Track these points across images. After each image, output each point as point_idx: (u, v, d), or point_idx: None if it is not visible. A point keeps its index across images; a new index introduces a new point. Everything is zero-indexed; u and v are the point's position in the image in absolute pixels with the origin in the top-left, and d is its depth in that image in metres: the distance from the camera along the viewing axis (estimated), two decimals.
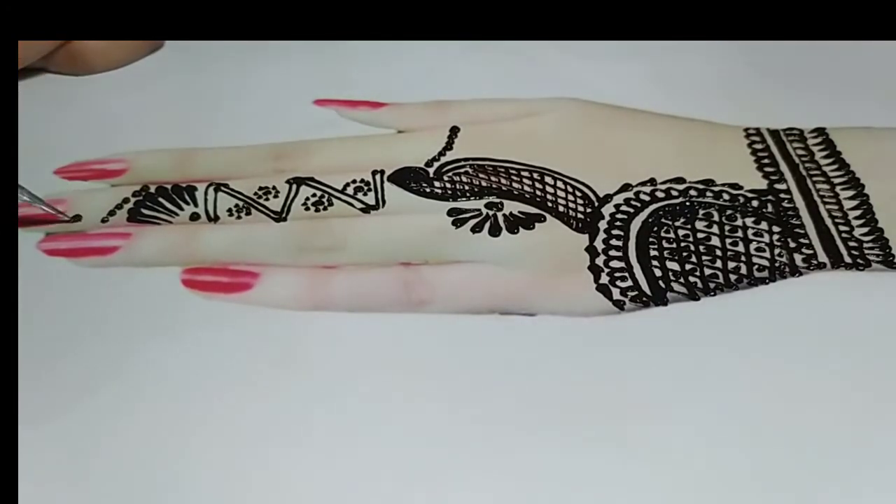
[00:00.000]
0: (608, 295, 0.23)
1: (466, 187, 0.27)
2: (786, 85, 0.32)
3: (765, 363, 0.21)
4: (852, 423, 0.20)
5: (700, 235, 0.25)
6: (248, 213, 0.27)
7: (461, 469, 0.19)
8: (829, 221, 0.25)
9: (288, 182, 0.28)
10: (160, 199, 0.27)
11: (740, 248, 0.25)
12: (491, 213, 0.26)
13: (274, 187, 0.27)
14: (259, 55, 0.35)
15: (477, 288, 0.24)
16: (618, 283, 0.24)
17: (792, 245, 0.25)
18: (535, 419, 0.20)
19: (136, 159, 0.29)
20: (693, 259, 0.24)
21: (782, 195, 0.26)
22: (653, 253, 0.25)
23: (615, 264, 0.24)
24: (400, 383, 0.21)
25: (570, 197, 0.27)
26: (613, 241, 0.25)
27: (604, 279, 0.24)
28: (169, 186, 0.28)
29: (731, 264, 0.24)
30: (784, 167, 0.28)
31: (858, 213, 0.26)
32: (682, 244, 0.25)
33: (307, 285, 0.24)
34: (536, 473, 0.19)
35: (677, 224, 0.25)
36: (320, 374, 0.21)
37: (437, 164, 0.28)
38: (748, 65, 0.34)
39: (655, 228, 0.25)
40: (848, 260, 0.24)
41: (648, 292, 0.23)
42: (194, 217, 0.27)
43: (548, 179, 0.27)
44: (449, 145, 0.29)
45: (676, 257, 0.24)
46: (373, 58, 0.34)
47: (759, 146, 0.29)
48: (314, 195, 0.27)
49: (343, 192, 0.27)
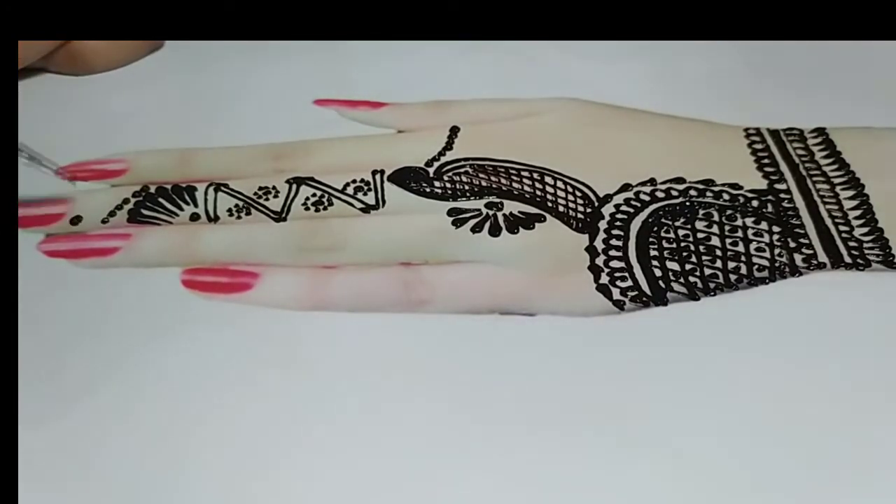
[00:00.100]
0: (608, 295, 0.23)
1: (466, 187, 0.27)
2: (786, 85, 0.32)
3: (764, 363, 0.21)
4: (852, 423, 0.20)
5: (700, 235, 0.25)
6: (248, 214, 0.27)
7: (461, 468, 0.19)
8: (829, 221, 0.25)
9: (288, 182, 0.28)
10: (160, 200, 0.27)
11: (740, 248, 0.25)
12: (491, 213, 0.26)
13: (274, 187, 0.27)
14: (259, 55, 0.35)
15: (477, 288, 0.24)
16: (618, 283, 0.24)
17: (792, 245, 0.25)
18: (535, 419, 0.20)
19: (137, 159, 0.29)
20: (693, 259, 0.24)
21: (782, 195, 0.26)
22: (653, 253, 0.25)
23: (615, 264, 0.24)
24: (400, 383, 0.21)
25: (570, 197, 0.27)
26: (613, 241, 0.25)
27: (604, 279, 0.24)
28: (169, 187, 0.28)
29: (731, 264, 0.24)
30: (784, 167, 0.28)
31: (858, 213, 0.26)
32: (682, 244, 0.25)
33: (307, 285, 0.24)
34: (536, 473, 0.19)
35: (677, 224, 0.25)
36: (320, 374, 0.21)
37: (437, 164, 0.28)
38: (748, 65, 0.33)
39: (655, 228, 0.25)
40: (848, 260, 0.24)
41: (648, 292, 0.23)
42: (194, 217, 0.27)
43: (548, 179, 0.27)
44: (449, 145, 0.29)
45: (676, 257, 0.24)
46: (373, 58, 0.34)
47: (759, 146, 0.29)
48: (314, 195, 0.27)
49: (343, 192, 0.27)
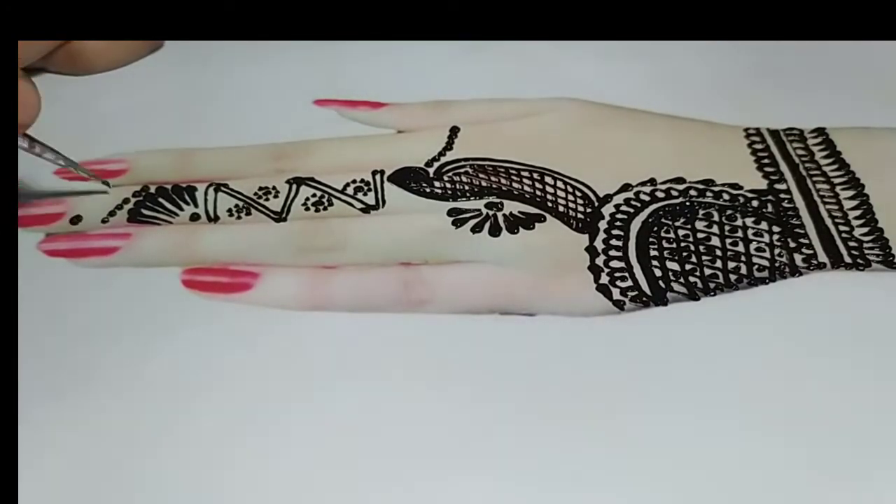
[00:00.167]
0: (608, 295, 0.23)
1: (466, 187, 0.27)
2: (786, 85, 0.32)
3: (765, 363, 0.21)
4: (853, 423, 0.20)
5: (700, 235, 0.25)
6: (248, 214, 0.27)
7: (461, 468, 0.19)
8: (829, 221, 0.25)
9: (288, 182, 0.28)
10: (160, 200, 0.27)
11: (740, 248, 0.25)
12: (491, 213, 0.26)
13: (274, 187, 0.27)
14: (259, 55, 0.35)
15: (477, 288, 0.24)
16: (618, 283, 0.24)
17: (792, 245, 0.25)
18: (535, 419, 0.20)
19: (136, 159, 0.29)
20: (693, 259, 0.24)
21: (782, 195, 0.26)
22: (653, 253, 0.25)
23: (615, 264, 0.24)
24: (400, 383, 0.21)
25: (570, 197, 0.27)
26: (613, 241, 0.25)
27: (604, 279, 0.24)
28: (169, 187, 0.28)
29: (731, 264, 0.24)
30: (784, 167, 0.28)
31: (858, 213, 0.26)
32: (682, 244, 0.25)
33: (307, 285, 0.24)
34: (536, 473, 0.19)
35: (677, 224, 0.25)
36: (320, 374, 0.21)
37: (437, 164, 0.28)
38: (748, 65, 0.33)
39: (655, 228, 0.25)
40: (848, 260, 0.24)
41: (648, 292, 0.23)
42: (194, 217, 0.27)
43: (548, 179, 0.27)
44: (449, 145, 0.29)
45: (676, 257, 0.24)
46: (373, 58, 0.34)
47: (759, 146, 0.29)
48: (314, 195, 0.27)
49: (343, 192, 0.27)
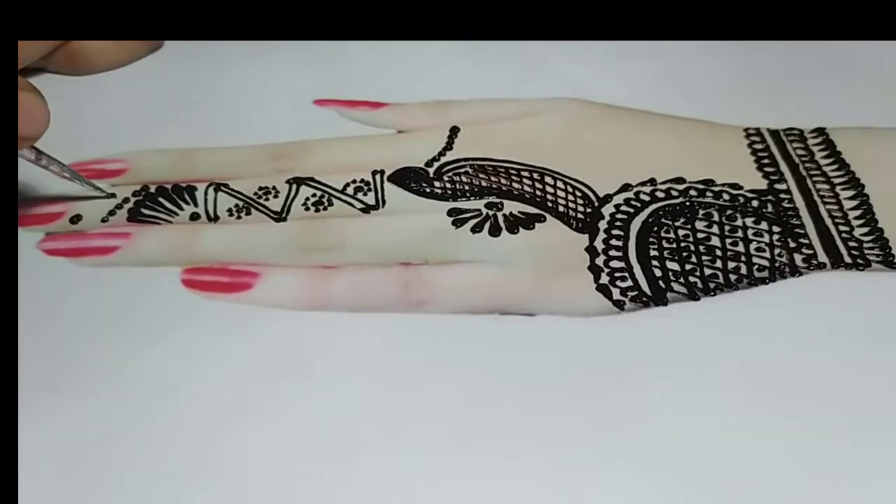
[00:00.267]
0: (608, 295, 0.23)
1: (466, 187, 0.27)
2: (786, 85, 0.32)
3: (764, 363, 0.21)
4: (852, 422, 0.20)
5: (700, 235, 0.25)
6: (248, 213, 0.27)
7: (461, 468, 0.19)
8: (829, 221, 0.25)
9: (288, 182, 0.28)
10: (160, 199, 0.27)
11: (740, 248, 0.25)
12: (491, 213, 0.26)
13: (274, 187, 0.27)
14: (259, 55, 0.35)
15: (477, 288, 0.24)
16: (618, 283, 0.24)
17: (792, 245, 0.25)
18: (534, 419, 0.20)
19: (136, 159, 0.29)
20: (693, 259, 0.24)
21: (782, 195, 0.26)
22: (653, 253, 0.25)
23: (615, 264, 0.24)
24: (400, 383, 0.21)
25: (570, 197, 0.27)
26: (613, 241, 0.25)
27: (604, 279, 0.24)
28: (169, 186, 0.28)
29: (731, 264, 0.24)
30: (784, 167, 0.28)
31: (858, 213, 0.26)
32: (682, 244, 0.25)
33: (307, 285, 0.24)
34: (536, 473, 0.19)
35: (677, 224, 0.25)
36: (320, 374, 0.21)
37: (437, 164, 0.28)
38: (748, 65, 0.34)
39: (655, 228, 0.25)
40: (848, 260, 0.24)
41: (648, 292, 0.23)
42: (194, 217, 0.27)
43: (548, 179, 0.27)
44: (449, 145, 0.29)
45: (676, 257, 0.24)
46: (373, 58, 0.34)
47: (759, 146, 0.29)
48: (314, 195, 0.27)
49: (343, 192, 0.27)
